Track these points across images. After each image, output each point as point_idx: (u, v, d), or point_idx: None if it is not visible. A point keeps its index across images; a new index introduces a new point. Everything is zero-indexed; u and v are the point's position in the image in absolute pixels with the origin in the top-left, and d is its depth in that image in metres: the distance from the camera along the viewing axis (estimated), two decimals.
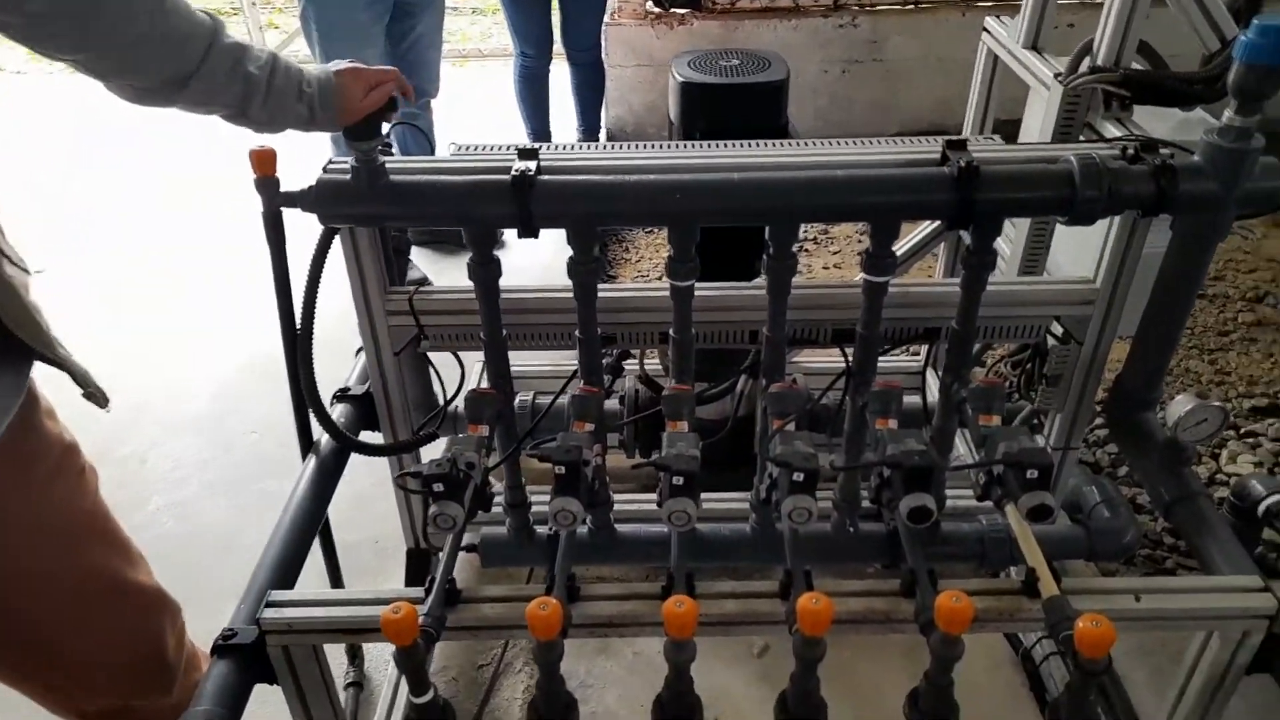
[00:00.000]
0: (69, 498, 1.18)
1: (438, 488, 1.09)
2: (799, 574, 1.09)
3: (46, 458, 1.14)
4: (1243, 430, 2.47)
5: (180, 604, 1.38)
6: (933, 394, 1.79)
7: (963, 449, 2.00)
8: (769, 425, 1.26)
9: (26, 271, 1.07)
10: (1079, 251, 1.55)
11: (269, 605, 1.09)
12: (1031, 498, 1.09)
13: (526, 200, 1.16)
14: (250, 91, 1.11)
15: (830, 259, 3.43)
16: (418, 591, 1.09)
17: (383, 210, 1.20)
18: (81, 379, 1.13)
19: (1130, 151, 1.28)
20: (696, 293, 1.31)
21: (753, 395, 1.87)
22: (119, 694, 1.31)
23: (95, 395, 1.16)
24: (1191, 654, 1.25)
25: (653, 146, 1.37)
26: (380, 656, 1.92)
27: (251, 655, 1.08)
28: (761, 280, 1.33)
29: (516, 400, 1.83)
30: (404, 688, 1.68)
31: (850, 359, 1.39)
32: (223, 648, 1.07)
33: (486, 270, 1.25)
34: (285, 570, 1.17)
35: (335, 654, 1.87)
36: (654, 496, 1.79)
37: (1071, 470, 1.72)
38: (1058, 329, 1.51)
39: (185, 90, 1.06)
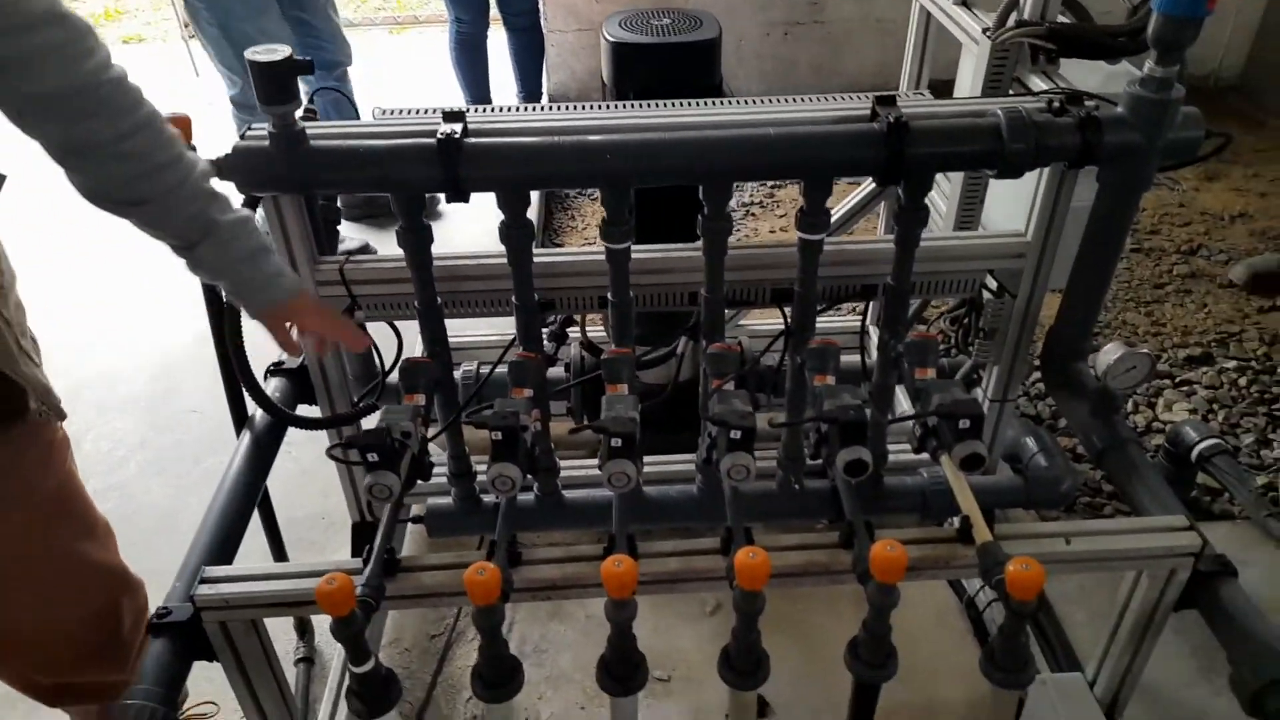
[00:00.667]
0: (39, 474, 1.18)
1: (372, 457, 1.07)
2: (739, 530, 1.10)
3: (18, 437, 1.13)
4: (1178, 379, 2.55)
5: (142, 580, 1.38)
6: (872, 353, 1.82)
7: (905, 405, 2.03)
8: (709, 386, 1.26)
9: (4, 286, 1.06)
10: (1012, 206, 1.57)
11: (204, 581, 1.07)
12: (964, 447, 1.11)
13: (455, 163, 1.14)
14: (206, 234, 1.08)
15: (776, 222, 3.44)
16: (359, 563, 1.08)
17: (304, 177, 1.16)
18: (40, 394, 1.11)
19: (1056, 104, 1.29)
20: (634, 255, 1.30)
21: (695, 358, 1.87)
22: (73, 669, 1.31)
23: (49, 412, 1.14)
24: (1123, 594, 1.29)
25: (584, 108, 1.35)
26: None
27: (188, 633, 1.06)
28: (699, 242, 1.33)
29: (460, 370, 1.81)
30: None
31: (789, 318, 1.40)
32: (158, 626, 1.06)
33: (416, 237, 1.22)
34: (221, 546, 1.15)
35: (286, 630, 1.85)
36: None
37: (1010, 422, 1.76)
38: (992, 283, 1.53)
39: (139, 209, 1.03)
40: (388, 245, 2.93)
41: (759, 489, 1.51)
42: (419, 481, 1.19)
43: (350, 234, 3.03)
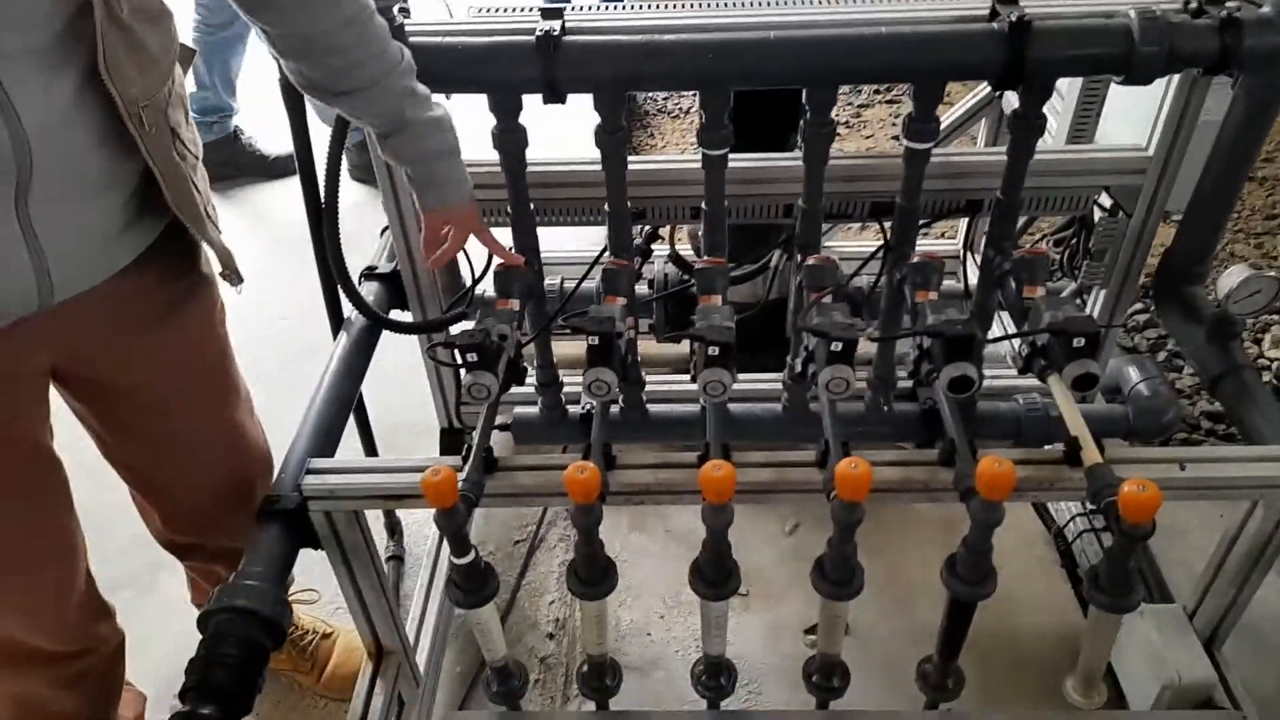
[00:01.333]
0: (208, 338, 1.25)
1: (471, 358, 1.08)
2: (836, 443, 1.09)
3: (194, 299, 1.20)
4: None
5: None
6: (971, 278, 1.76)
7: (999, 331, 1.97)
8: (804, 299, 1.23)
9: (196, 156, 1.11)
10: (1132, 118, 1.48)
11: (309, 472, 1.10)
12: (1077, 366, 1.06)
13: (552, 62, 1.11)
14: (401, 128, 1.13)
15: (863, 143, 3.32)
16: (455, 461, 1.10)
17: None
18: (223, 258, 1.17)
19: (1194, 5, 1.20)
20: (730, 164, 1.27)
21: (784, 277, 1.83)
22: (211, 533, 1.40)
23: (231, 275, 1.20)
24: (1232, 525, 1.24)
25: (685, 6, 1.30)
26: (419, 532, 1.96)
27: (295, 521, 1.10)
28: (798, 151, 1.28)
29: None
30: (443, 560, 1.72)
31: (888, 233, 1.35)
32: (267, 513, 1.09)
33: (513, 139, 1.21)
34: (324, 440, 1.18)
35: (376, 531, 1.91)
36: (684, 378, 1.80)
37: (1111, 351, 1.69)
38: (1106, 201, 1.45)
39: (344, 99, 1.09)
40: (242, 207, 3.06)
41: (847, 410, 1.48)
42: (514, 386, 1.20)
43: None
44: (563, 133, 1.57)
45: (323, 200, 1.26)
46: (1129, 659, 1.37)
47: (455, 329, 1.43)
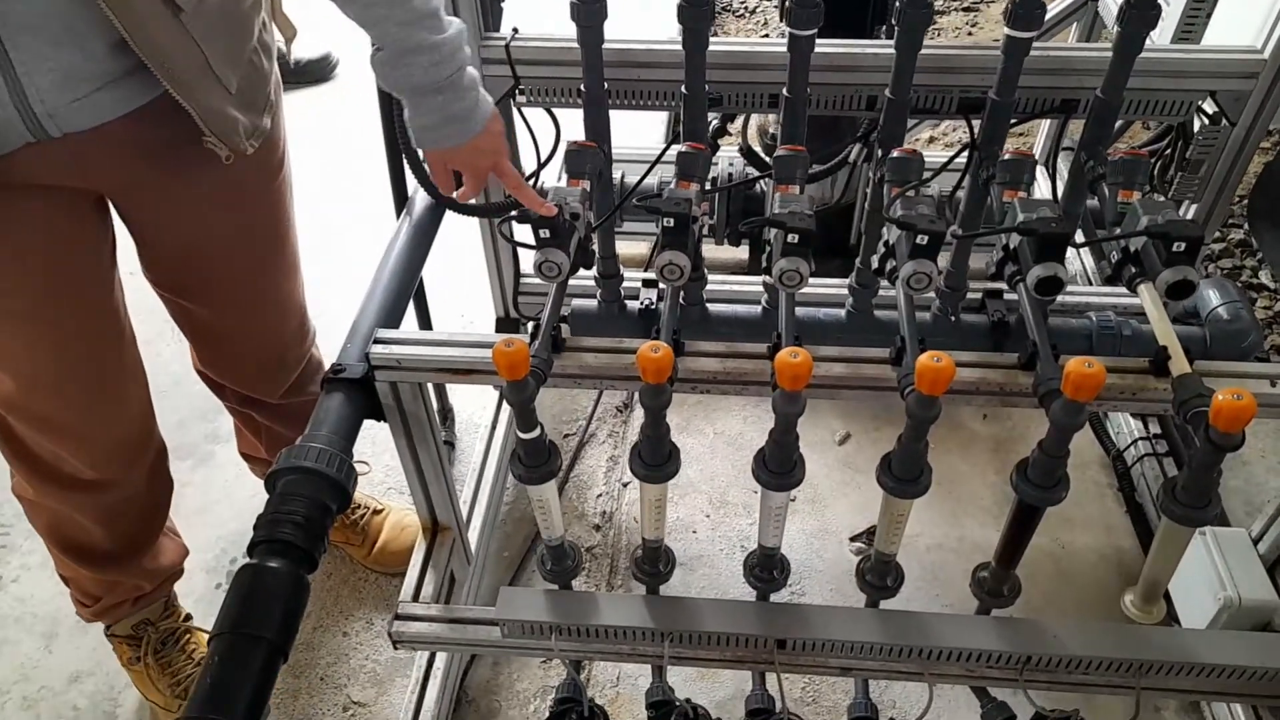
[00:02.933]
0: (257, 194, 1.26)
1: (543, 233, 1.06)
2: (913, 340, 1.05)
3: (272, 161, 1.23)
4: None
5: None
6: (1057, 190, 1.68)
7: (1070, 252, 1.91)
8: (886, 193, 1.19)
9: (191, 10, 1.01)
10: (1245, 18, 1.38)
11: (377, 342, 1.10)
12: (1175, 272, 1.02)
13: None
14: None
15: None
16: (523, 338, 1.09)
17: None
18: (214, 122, 1.08)
19: None
20: (816, 49, 1.21)
21: (851, 183, 1.77)
22: (235, 379, 1.47)
23: (216, 145, 1.12)
24: None
25: None
26: (469, 421, 1.98)
27: (360, 390, 1.10)
28: (888, 40, 1.22)
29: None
30: (495, 444, 1.74)
31: (976, 130, 1.29)
32: (333, 380, 1.10)
33: (591, 8, 1.16)
34: (390, 313, 1.18)
35: None
36: (745, 279, 1.77)
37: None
38: (1209, 107, 1.37)
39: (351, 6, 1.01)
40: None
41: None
42: (581, 268, 1.18)
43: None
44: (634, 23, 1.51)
45: None
46: (1188, 578, 1.35)
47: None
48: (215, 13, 1.02)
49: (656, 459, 1.04)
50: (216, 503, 1.88)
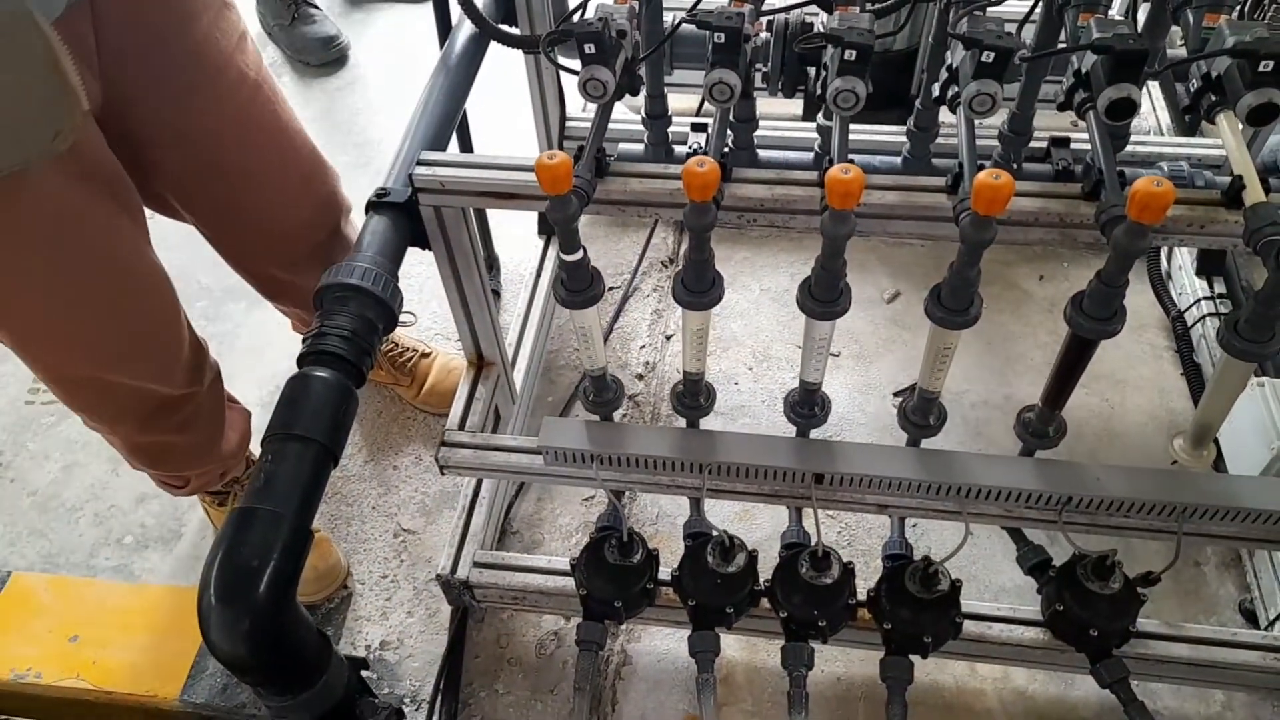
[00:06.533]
0: (240, 54, 1.21)
1: (588, 49, 1.02)
2: (972, 164, 1.01)
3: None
4: None
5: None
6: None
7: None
8: (952, 14, 1.12)
9: None
10: None
11: (421, 164, 1.09)
12: (1260, 95, 0.95)
13: None
14: None
15: None
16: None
17: None
18: None
19: None
20: None
21: (915, 25, 1.68)
22: (303, 268, 1.42)
23: None
24: None
25: None
26: (514, 273, 1.98)
27: (405, 213, 1.09)
28: None
29: None
30: (541, 286, 1.74)
31: None
32: (377, 204, 1.09)
33: None
34: (434, 139, 1.16)
35: None
36: (799, 124, 1.71)
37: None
38: None
39: None
40: (370, 28, 2.67)
41: None
42: (628, 94, 1.14)
43: (328, 5, 2.69)
44: None
45: None
46: (1240, 429, 1.32)
47: None
48: None
49: (700, 285, 1.03)
50: (269, 344, 1.92)
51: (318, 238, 1.41)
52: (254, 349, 1.92)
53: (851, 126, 1.11)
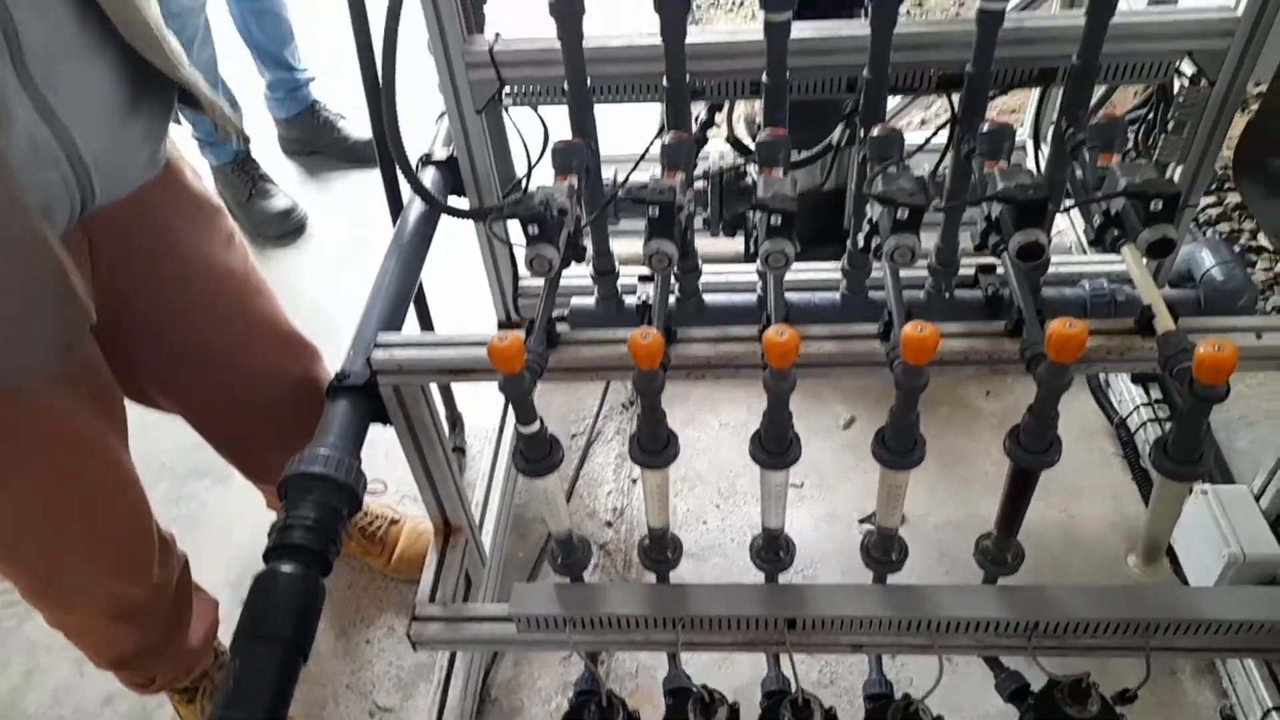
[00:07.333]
0: (228, 253, 1.26)
1: (532, 230, 1.08)
2: (900, 312, 1.07)
3: (203, 207, 1.22)
4: None
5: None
6: (1040, 164, 1.69)
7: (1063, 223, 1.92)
8: (869, 170, 1.20)
9: None
10: None
11: (378, 346, 1.12)
12: (1155, 231, 1.02)
13: None
14: None
15: None
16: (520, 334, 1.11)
17: None
18: (210, 109, 1.13)
19: None
20: (792, 33, 1.22)
21: (842, 167, 1.79)
22: (269, 445, 1.39)
23: (231, 132, 1.17)
24: None
25: None
26: (479, 426, 2.00)
27: (365, 395, 1.12)
28: (863, 20, 1.23)
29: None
30: (504, 448, 1.76)
31: (956, 105, 1.30)
32: (337, 389, 1.12)
33: (569, 6, 1.18)
34: (390, 318, 1.20)
35: None
36: (740, 268, 1.79)
37: (1185, 234, 1.63)
38: (1188, 68, 1.38)
39: None
40: (327, 191, 2.81)
41: (908, 298, 1.46)
42: (573, 262, 1.20)
43: (285, 179, 2.80)
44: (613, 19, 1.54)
45: (380, 79, 1.25)
46: (1191, 538, 1.36)
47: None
48: None
49: (654, 445, 1.06)
50: (236, 520, 1.91)
51: (307, 420, 1.42)
52: (222, 527, 1.90)
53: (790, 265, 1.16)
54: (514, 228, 1.12)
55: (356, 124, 2.88)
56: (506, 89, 1.40)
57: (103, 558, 1.22)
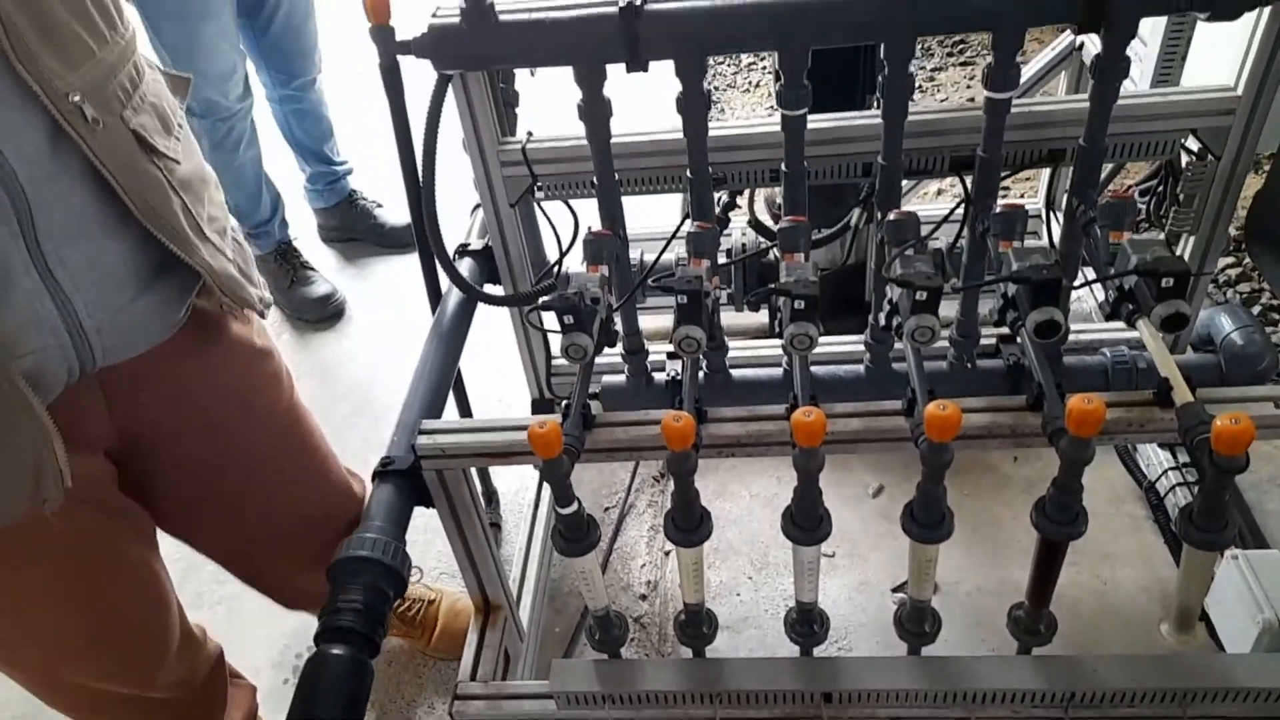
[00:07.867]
0: (269, 401, 1.28)
1: (567, 320, 1.13)
2: (923, 389, 1.11)
3: (243, 353, 1.22)
4: None
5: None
6: (1054, 236, 1.74)
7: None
8: (887, 254, 1.25)
9: (176, 162, 1.04)
10: (1220, 58, 1.45)
11: (422, 433, 1.18)
12: (1166, 307, 1.06)
13: (634, 28, 1.16)
14: None
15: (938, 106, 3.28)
16: (556, 417, 1.16)
17: (494, 51, 1.21)
18: (225, 284, 1.09)
19: None
20: (809, 124, 1.29)
21: (862, 241, 1.85)
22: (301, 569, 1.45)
23: (233, 307, 1.14)
24: None
25: None
26: (514, 501, 2.04)
27: (409, 479, 1.17)
28: (876, 109, 1.30)
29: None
30: (540, 522, 1.80)
31: (969, 188, 1.36)
32: (383, 473, 1.17)
33: (598, 110, 1.25)
34: (432, 404, 1.26)
35: None
36: (766, 343, 1.84)
37: (1202, 303, 1.66)
38: (1193, 144, 1.43)
39: None
40: (366, 278, 2.93)
41: (931, 369, 1.50)
42: (606, 347, 1.25)
43: (324, 265, 2.88)
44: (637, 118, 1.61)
45: (420, 178, 1.33)
46: (1225, 604, 1.36)
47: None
48: (182, 158, 1.06)
49: (689, 523, 1.10)
50: (274, 617, 1.94)
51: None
52: (264, 606, 1.93)
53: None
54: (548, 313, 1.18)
55: (393, 210, 2.99)
56: (538, 184, 1.48)
57: (121, 657, 1.23)
